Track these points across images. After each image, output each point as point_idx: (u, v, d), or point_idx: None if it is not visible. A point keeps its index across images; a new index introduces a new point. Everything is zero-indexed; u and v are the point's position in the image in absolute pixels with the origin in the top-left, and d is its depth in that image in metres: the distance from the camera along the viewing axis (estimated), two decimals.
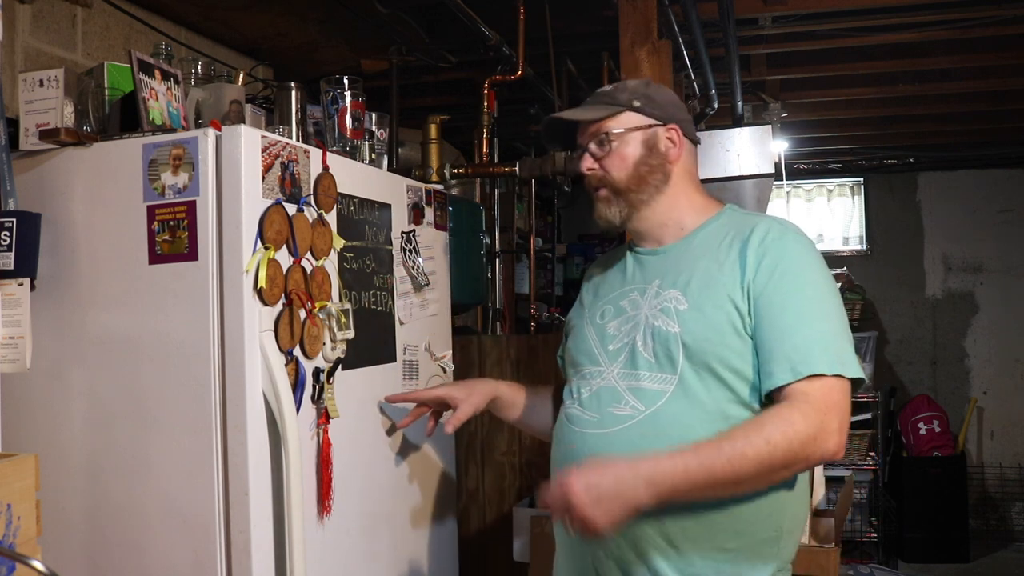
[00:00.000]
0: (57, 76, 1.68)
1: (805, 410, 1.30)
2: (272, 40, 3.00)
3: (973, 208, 5.82)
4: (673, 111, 1.56)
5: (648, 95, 1.54)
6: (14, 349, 1.65)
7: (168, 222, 1.58)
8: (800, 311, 1.36)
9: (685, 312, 1.42)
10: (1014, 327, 5.75)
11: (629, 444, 1.41)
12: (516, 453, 2.60)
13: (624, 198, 1.53)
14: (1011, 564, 5.29)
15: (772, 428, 1.28)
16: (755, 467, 1.27)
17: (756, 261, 1.40)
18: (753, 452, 1.26)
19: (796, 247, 1.42)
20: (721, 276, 1.42)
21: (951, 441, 5.44)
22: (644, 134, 1.52)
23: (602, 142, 1.53)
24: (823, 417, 1.30)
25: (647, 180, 1.52)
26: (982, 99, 4.24)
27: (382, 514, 1.94)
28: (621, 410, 1.44)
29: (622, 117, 1.53)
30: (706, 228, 1.52)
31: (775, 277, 1.38)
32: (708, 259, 1.46)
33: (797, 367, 1.33)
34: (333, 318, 1.73)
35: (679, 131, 1.54)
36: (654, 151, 1.52)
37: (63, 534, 1.64)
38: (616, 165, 1.52)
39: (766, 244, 1.41)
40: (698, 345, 1.39)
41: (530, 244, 3.84)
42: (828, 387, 1.32)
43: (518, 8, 2.76)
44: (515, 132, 4.35)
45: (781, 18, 3.07)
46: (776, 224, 1.46)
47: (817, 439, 1.29)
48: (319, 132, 2.00)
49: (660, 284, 1.49)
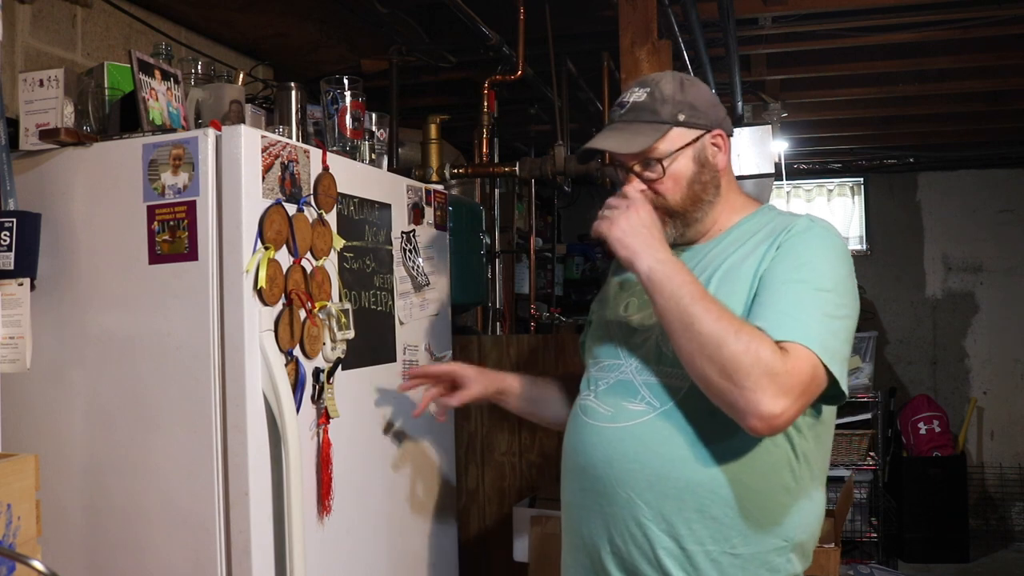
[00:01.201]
0: (57, 76, 1.68)
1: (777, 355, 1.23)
2: (272, 40, 3.00)
3: (973, 208, 5.82)
4: (715, 113, 1.46)
5: (691, 103, 1.44)
6: (14, 349, 1.65)
7: (168, 222, 1.58)
8: (798, 295, 1.31)
9: None
10: (1014, 327, 5.75)
11: (640, 441, 1.39)
12: (516, 453, 2.60)
13: (681, 219, 1.46)
14: (1011, 564, 5.29)
15: (750, 338, 1.23)
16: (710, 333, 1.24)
17: (775, 251, 1.37)
18: (720, 331, 1.23)
19: (816, 239, 1.37)
20: (742, 269, 1.38)
21: (951, 441, 5.43)
22: (694, 149, 1.43)
23: (650, 164, 1.43)
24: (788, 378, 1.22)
25: (701, 197, 1.45)
26: (982, 99, 4.24)
27: (382, 514, 1.94)
28: (636, 405, 1.41)
29: (670, 136, 1.42)
30: (740, 226, 1.48)
31: (784, 260, 1.35)
32: (734, 254, 1.42)
33: (771, 331, 1.26)
34: (333, 318, 1.73)
35: (723, 135, 1.47)
36: (706, 166, 1.44)
37: (63, 534, 1.64)
38: (670, 188, 1.43)
39: (791, 233, 1.37)
40: None
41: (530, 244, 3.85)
42: (798, 354, 1.24)
43: (518, 8, 2.76)
44: (515, 132, 4.36)
45: (781, 18, 3.07)
46: (807, 220, 1.41)
47: (766, 381, 1.21)
48: (319, 132, 2.00)
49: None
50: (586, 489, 1.48)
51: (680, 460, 1.36)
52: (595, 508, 1.46)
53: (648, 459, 1.38)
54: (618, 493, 1.41)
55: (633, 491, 1.39)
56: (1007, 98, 4.18)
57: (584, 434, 1.48)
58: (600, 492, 1.44)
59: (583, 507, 1.49)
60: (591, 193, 6.00)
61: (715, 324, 1.25)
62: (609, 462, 1.42)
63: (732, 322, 1.26)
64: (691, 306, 1.27)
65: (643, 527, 1.38)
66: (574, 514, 1.52)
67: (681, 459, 1.36)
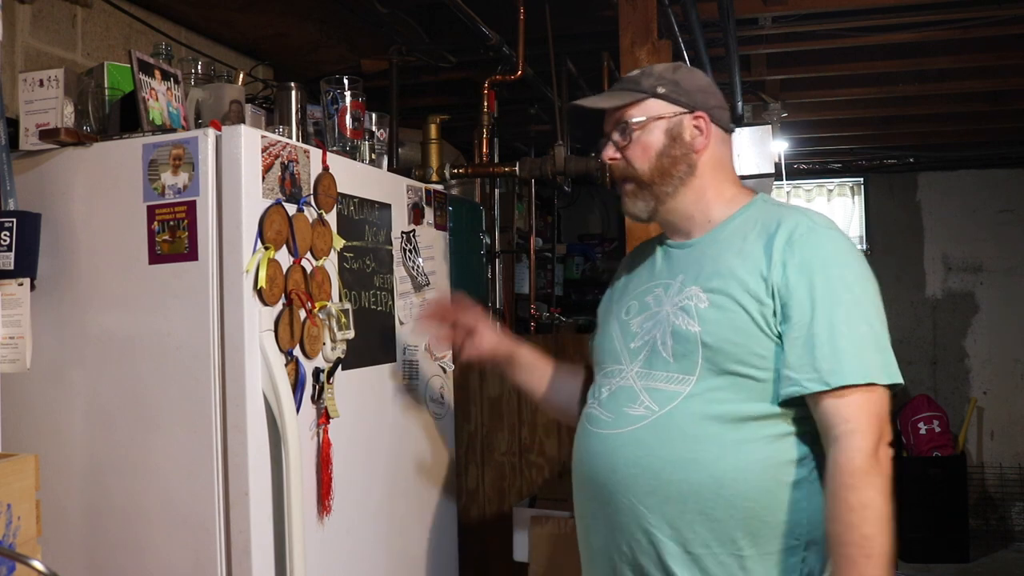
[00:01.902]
0: (57, 76, 1.68)
1: (857, 443, 1.27)
2: (272, 40, 3.00)
3: (973, 208, 5.82)
4: (702, 98, 1.47)
5: (675, 80, 1.46)
6: (14, 349, 1.65)
7: (168, 222, 1.58)
8: (831, 314, 1.30)
9: (706, 311, 1.37)
10: (1014, 327, 5.75)
11: (640, 445, 1.38)
12: (516, 453, 2.60)
13: (649, 191, 1.46)
14: (1011, 564, 5.29)
15: (850, 492, 1.26)
16: (882, 529, 1.26)
17: (782, 258, 1.34)
18: (870, 527, 1.25)
19: (828, 243, 1.35)
20: (744, 271, 1.36)
21: (951, 441, 5.43)
22: (668, 123, 1.44)
23: (624, 131, 1.46)
24: (874, 435, 1.28)
25: (670, 172, 1.44)
26: (982, 99, 4.24)
27: (382, 514, 1.94)
28: (635, 410, 1.40)
29: (645, 105, 1.45)
30: (734, 220, 1.45)
31: (804, 277, 1.32)
32: (732, 253, 1.39)
33: (826, 377, 1.28)
34: (333, 318, 1.73)
35: (707, 119, 1.45)
36: (678, 141, 1.44)
37: (63, 534, 1.64)
38: (638, 156, 1.45)
39: (794, 240, 1.34)
40: (719, 345, 1.34)
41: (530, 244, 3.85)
42: (864, 399, 1.28)
43: (518, 8, 2.76)
44: (515, 132, 4.35)
45: (781, 18, 3.07)
46: (805, 218, 1.38)
47: (878, 457, 1.27)
48: (319, 132, 2.00)
49: (684, 279, 1.43)
50: (593, 498, 1.46)
51: (680, 462, 1.35)
52: (602, 517, 1.44)
53: (648, 463, 1.37)
54: (621, 500, 1.40)
55: (635, 497, 1.38)
56: (1007, 98, 4.18)
57: (588, 443, 1.47)
58: (605, 500, 1.43)
59: (593, 517, 1.47)
60: (591, 193, 6.00)
61: (872, 533, 1.26)
62: (612, 469, 1.41)
63: (852, 527, 1.26)
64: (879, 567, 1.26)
65: (648, 533, 1.37)
66: (585, 525, 1.50)
67: (681, 461, 1.35)
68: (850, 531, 1.25)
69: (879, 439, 1.28)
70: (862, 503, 1.25)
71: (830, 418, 1.29)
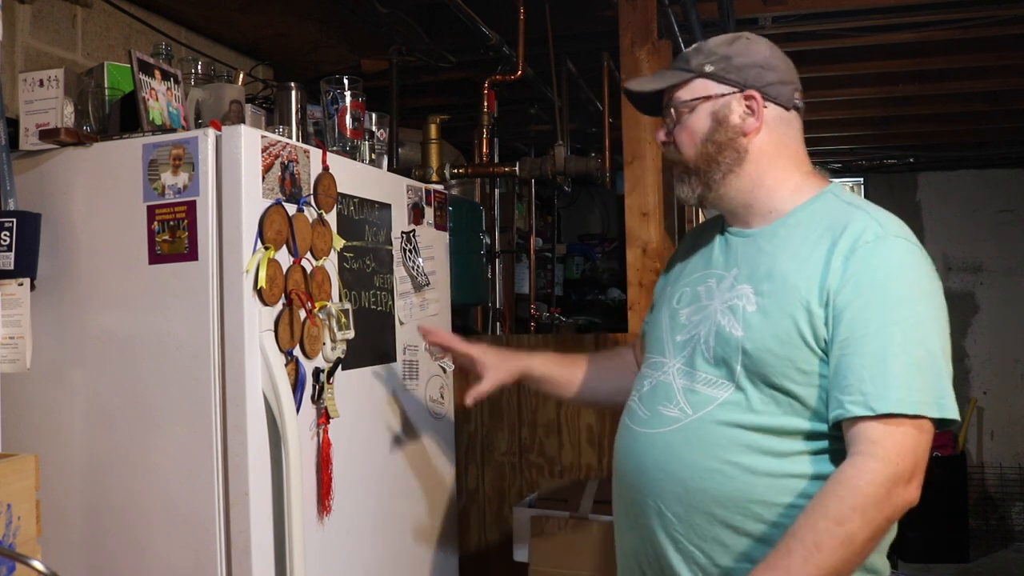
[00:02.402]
0: (57, 76, 1.68)
1: (872, 467, 1.14)
2: (272, 40, 3.00)
3: (973, 208, 5.82)
4: (756, 73, 1.35)
5: (727, 56, 1.35)
6: (14, 349, 1.65)
7: (168, 222, 1.58)
8: (887, 334, 1.18)
9: (752, 315, 1.27)
10: (1014, 327, 5.75)
11: (670, 449, 1.31)
12: (516, 453, 2.60)
13: (697, 177, 1.36)
14: (1011, 564, 5.29)
15: (838, 504, 1.13)
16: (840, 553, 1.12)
17: (843, 267, 1.22)
18: (829, 539, 1.11)
19: (893, 254, 1.24)
20: (800, 277, 1.25)
21: (951, 441, 5.43)
22: (714, 104, 1.34)
23: (672, 113, 1.37)
24: (894, 468, 1.13)
25: (716, 158, 1.34)
26: (982, 99, 4.24)
27: (382, 514, 1.94)
28: (670, 411, 1.33)
29: (693, 85, 1.35)
30: (798, 214, 1.33)
31: (863, 289, 1.20)
32: (790, 253, 1.29)
33: (871, 402, 1.16)
34: (333, 318, 1.73)
35: (759, 98, 1.34)
36: (724, 125, 1.33)
37: (63, 534, 1.64)
38: (685, 141, 1.36)
39: (858, 248, 1.23)
40: (759, 355, 1.25)
41: (530, 244, 3.85)
42: (903, 431, 1.15)
43: (518, 8, 2.76)
44: (515, 132, 4.35)
45: (781, 18, 3.06)
46: (874, 223, 1.26)
47: (891, 495, 1.13)
48: (319, 132, 2.00)
49: (737, 274, 1.34)
50: (623, 497, 1.41)
51: (707, 472, 1.27)
52: (631, 517, 1.39)
53: (675, 469, 1.30)
54: (648, 503, 1.33)
55: (662, 502, 1.31)
56: (1007, 98, 4.18)
57: (624, 438, 1.41)
58: (632, 501, 1.37)
59: (624, 516, 1.42)
60: (591, 193, 6.00)
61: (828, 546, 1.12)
62: (640, 470, 1.35)
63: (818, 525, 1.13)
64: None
65: (675, 540, 1.31)
66: (618, 524, 1.45)
67: (708, 471, 1.27)
68: (809, 530, 1.13)
69: (903, 477, 1.14)
70: (839, 518, 1.12)
71: (860, 436, 1.17)
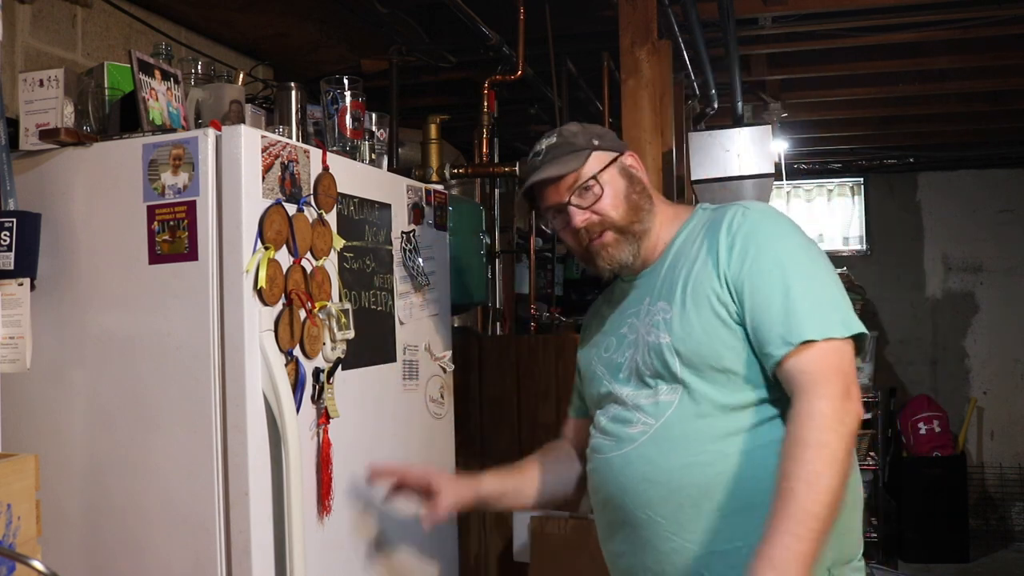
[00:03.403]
0: (57, 76, 1.68)
1: (817, 392, 1.26)
2: (272, 40, 3.00)
3: (973, 208, 5.82)
4: (619, 143, 1.58)
5: (597, 134, 1.55)
6: (14, 349, 1.65)
7: (168, 222, 1.58)
8: (780, 281, 1.34)
9: (672, 319, 1.42)
10: (1014, 327, 5.75)
11: (645, 459, 1.41)
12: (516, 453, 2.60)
13: (630, 235, 1.50)
14: (1011, 564, 5.29)
15: (810, 432, 1.24)
16: (834, 472, 1.22)
17: (727, 247, 1.40)
18: (821, 464, 1.21)
19: (763, 221, 1.42)
20: (699, 273, 1.42)
21: (951, 441, 5.44)
22: (617, 166, 1.52)
23: (586, 189, 1.49)
24: (833, 385, 1.26)
25: (641, 206, 1.51)
26: (982, 99, 4.24)
27: (382, 514, 1.94)
28: (634, 428, 1.44)
29: (592, 159, 1.50)
30: (682, 234, 1.52)
31: (749, 257, 1.38)
32: (688, 261, 1.46)
33: (787, 337, 1.31)
34: (333, 318, 1.73)
35: (635, 156, 1.57)
36: (633, 178, 1.53)
37: (63, 534, 1.64)
38: (611, 204, 1.49)
39: (733, 228, 1.41)
40: (689, 348, 1.39)
41: (530, 244, 3.85)
42: (823, 353, 1.29)
43: (518, 8, 2.76)
44: (515, 132, 4.35)
45: (781, 18, 3.07)
46: (740, 207, 1.45)
47: (844, 407, 1.26)
48: (319, 132, 2.00)
49: (650, 300, 1.49)
50: (613, 522, 1.50)
51: (685, 467, 1.38)
52: (625, 538, 1.47)
53: (656, 475, 1.40)
54: (639, 516, 1.42)
55: (651, 510, 1.41)
56: (1007, 98, 4.18)
57: (598, 471, 1.51)
58: (624, 521, 1.46)
59: (617, 541, 1.50)
60: None
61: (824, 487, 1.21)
62: (623, 489, 1.44)
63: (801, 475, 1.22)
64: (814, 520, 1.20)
65: (670, 541, 1.39)
66: (610, 551, 1.53)
67: (685, 466, 1.38)
68: (800, 466, 1.22)
69: (845, 389, 1.27)
70: (819, 442, 1.23)
71: (791, 374, 1.30)
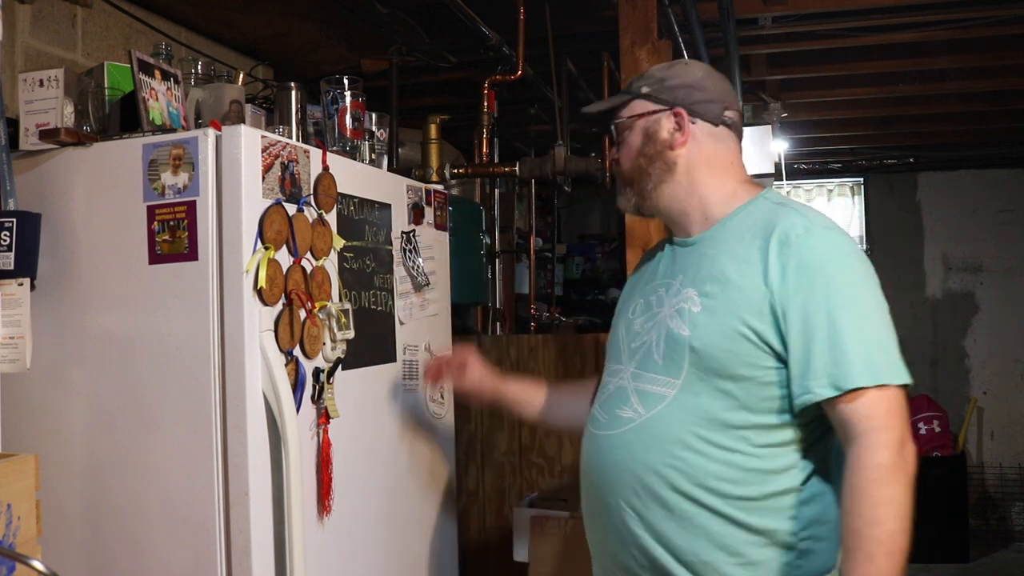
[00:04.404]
0: (57, 76, 1.68)
1: (875, 440, 1.23)
2: (272, 40, 3.00)
3: (973, 208, 5.82)
4: (684, 93, 1.46)
5: (662, 78, 1.48)
6: (14, 349, 1.65)
7: (168, 222, 1.58)
8: (833, 315, 1.27)
9: (698, 315, 1.35)
10: (1014, 327, 5.75)
11: (626, 448, 1.38)
12: (516, 453, 2.60)
13: (631, 188, 1.49)
14: (1011, 564, 5.29)
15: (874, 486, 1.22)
16: (904, 527, 1.21)
17: (780, 262, 1.30)
18: (893, 523, 1.20)
19: (825, 244, 1.32)
20: (739, 276, 1.33)
21: (951, 441, 5.43)
22: (646, 122, 1.47)
23: (617, 132, 1.52)
24: (891, 434, 1.23)
25: (647, 170, 1.46)
26: (982, 99, 4.24)
27: (382, 514, 1.94)
28: (625, 412, 1.41)
29: (631, 106, 1.49)
30: (734, 218, 1.42)
31: (803, 280, 1.29)
32: (729, 255, 1.37)
33: (838, 382, 1.25)
34: (333, 318, 1.73)
35: (685, 115, 1.45)
36: (653, 139, 1.45)
37: (63, 534, 1.64)
38: (624, 156, 1.50)
39: (791, 243, 1.31)
40: (706, 351, 1.33)
41: (530, 244, 3.85)
42: (875, 401, 1.24)
43: (518, 8, 2.76)
44: (515, 132, 4.35)
45: (781, 18, 3.06)
46: (801, 219, 1.34)
47: (903, 452, 1.23)
48: (319, 132, 2.00)
49: (683, 280, 1.42)
50: (588, 499, 1.48)
51: (661, 468, 1.34)
52: (596, 517, 1.45)
53: (632, 467, 1.37)
54: (610, 502, 1.40)
55: (623, 500, 1.38)
56: (1007, 98, 4.18)
57: (587, 444, 1.48)
58: (597, 501, 1.44)
59: (590, 516, 1.48)
60: (591, 193, 6.00)
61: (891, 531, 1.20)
62: (601, 470, 1.42)
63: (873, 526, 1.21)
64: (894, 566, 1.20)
65: (637, 537, 1.37)
66: (586, 524, 1.51)
67: (662, 467, 1.34)
68: (872, 527, 1.20)
69: (903, 435, 1.24)
70: (887, 499, 1.21)
71: (848, 419, 1.25)
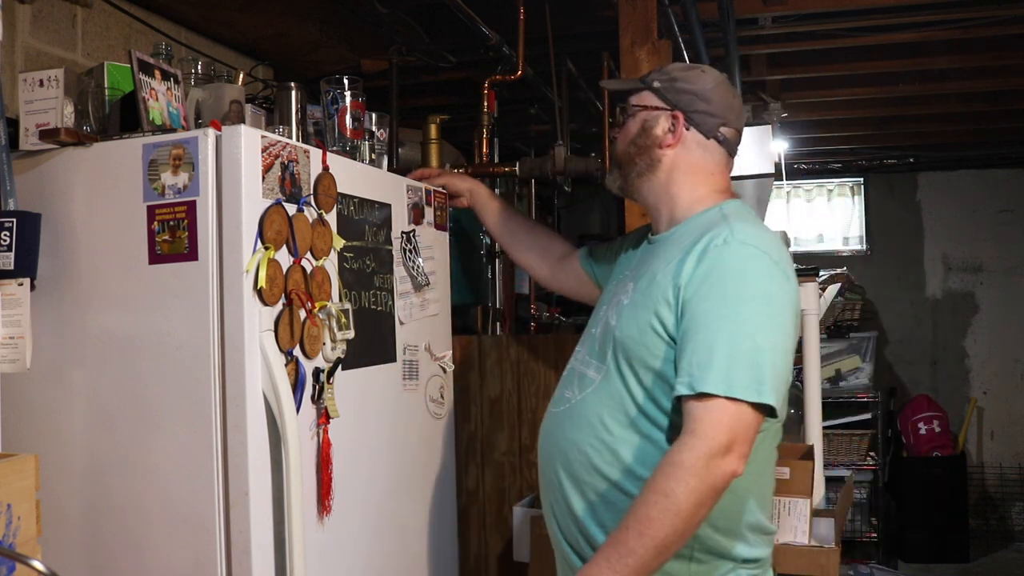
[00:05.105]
0: (57, 76, 1.68)
1: (690, 442, 1.27)
2: (272, 40, 3.00)
3: (973, 208, 5.82)
4: (688, 100, 1.52)
5: (675, 79, 1.54)
6: (14, 349, 1.65)
7: (168, 222, 1.58)
8: (716, 323, 1.31)
9: (625, 307, 1.47)
10: (1014, 327, 5.75)
11: (562, 426, 1.52)
12: (516, 453, 2.60)
13: (619, 170, 1.60)
14: (1011, 564, 5.29)
15: (664, 479, 1.27)
16: (668, 522, 1.24)
17: (692, 266, 1.38)
18: (657, 511, 1.25)
19: (736, 256, 1.36)
20: (662, 275, 1.43)
21: (951, 441, 5.43)
22: (647, 115, 1.55)
23: (620, 113, 1.61)
24: (709, 443, 1.26)
25: (634, 159, 1.55)
26: (982, 99, 4.24)
27: (382, 514, 1.94)
28: (568, 393, 1.54)
29: (640, 95, 1.58)
30: (687, 224, 1.51)
31: (704, 285, 1.35)
32: (665, 257, 1.46)
33: (694, 383, 1.29)
34: (333, 318, 1.73)
35: (682, 120, 1.52)
36: (647, 132, 1.54)
37: (63, 534, 1.64)
38: (621, 138, 1.59)
39: (708, 251, 1.38)
40: (623, 342, 1.44)
41: None
42: (720, 410, 1.27)
43: (518, 8, 2.76)
44: (515, 132, 4.35)
45: (781, 18, 3.07)
46: (727, 231, 1.39)
47: (709, 466, 1.25)
48: (319, 132, 2.00)
49: (631, 275, 1.54)
50: (540, 473, 1.61)
51: (584, 446, 1.46)
52: (546, 492, 1.58)
53: (563, 445, 1.50)
54: (550, 474, 1.53)
55: (553, 471, 1.52)
56: (1007, 98, 4.18)
57: (543, 422, 1.62)
58: (542, 470, 1.58)
59: (542, 489, 1.61)
60: (591, 193, 6.00)
61: (657, 518, 1.25)
62: (544, 444, 1.57)
63: (647, 497, 1.27)
64: (638, 547, 1.25)
65: (570, 506, 1.48)
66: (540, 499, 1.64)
67: (584, 445, 1.46)
68: (642, 507, 1.27)
69: (720, 449, 1.25)
70: (666, 491, 1.25)
71: (685, 417, 1.31)
